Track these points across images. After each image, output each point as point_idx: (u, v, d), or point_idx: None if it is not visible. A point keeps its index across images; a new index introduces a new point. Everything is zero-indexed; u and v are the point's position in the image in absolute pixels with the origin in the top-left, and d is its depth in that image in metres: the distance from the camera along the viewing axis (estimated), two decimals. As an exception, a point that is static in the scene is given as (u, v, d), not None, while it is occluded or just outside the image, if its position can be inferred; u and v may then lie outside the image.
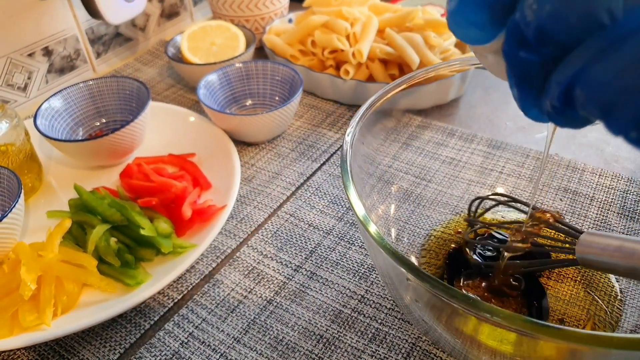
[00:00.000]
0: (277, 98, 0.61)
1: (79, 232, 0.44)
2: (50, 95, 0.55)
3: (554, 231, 0.37)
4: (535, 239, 0.38)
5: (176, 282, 0.43)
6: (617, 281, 0.38)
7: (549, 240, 0.38)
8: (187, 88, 0.69)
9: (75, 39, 0.69)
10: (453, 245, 0.41)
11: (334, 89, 0.63)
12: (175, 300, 0.42)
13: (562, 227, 0.36)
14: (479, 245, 0.40)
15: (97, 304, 0.40)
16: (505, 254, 0.36)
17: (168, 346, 0.38)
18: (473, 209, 0.43)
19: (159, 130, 0.57)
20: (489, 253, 0.40)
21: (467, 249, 0.40)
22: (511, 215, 0.44)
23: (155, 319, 0.40)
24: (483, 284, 0.37)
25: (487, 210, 0.44)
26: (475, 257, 0.39)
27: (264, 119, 0.53)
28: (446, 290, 0.24)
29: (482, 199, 0.44)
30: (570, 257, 0.34)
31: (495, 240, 0.40)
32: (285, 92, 0.60)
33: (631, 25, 0.16)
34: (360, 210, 0.29)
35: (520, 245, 0.36)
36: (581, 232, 0.32)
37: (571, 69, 0.18)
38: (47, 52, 0.66)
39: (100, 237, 0.42)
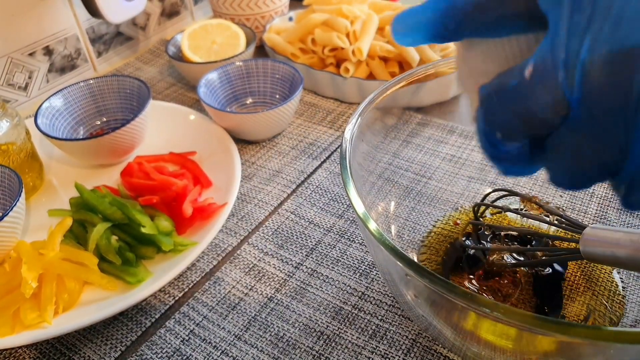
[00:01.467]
0: (277, 96, 0.61)
1: (80, 231, 0.44)
2: (51, 95, 0.55)
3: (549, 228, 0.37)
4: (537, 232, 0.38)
5: (177, 280, 0.43)
6: (619, 274, 0.38)
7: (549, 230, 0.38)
8: (188, 87, 0.69)
9: (76, 38, 0.69)
10: (452, 241, 0.41)
11: (334, 87, 0.63)
12: (176, 298, 0.42)
13: (564, 221, 0.36)
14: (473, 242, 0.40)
15: (98, 301, 0.40)
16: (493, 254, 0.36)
17: (169, 344, 0.38)
18: (482, 207, 0.43)
19: (160, 129, 0.57)
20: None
21: (468, 243, 0.40)
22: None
23: (156, 316, 0.40)
24: (484, 280, 0.37)
25: (494, 202, 0.43)
26: (472, 244, 0.39)
27: (264, 117, 0.53)
28: (445, 285, 0.24)
29: (491, 201, 0.44)
30: (574, 245, 0.34)
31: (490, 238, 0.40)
32: (286, 90, 0.60)
33: None
34: (360, 207, 0.29)
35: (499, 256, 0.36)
36: (583, 227, 0.32)
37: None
38: (48, 51, 0.67)
39: (101, 236, 0.42)
